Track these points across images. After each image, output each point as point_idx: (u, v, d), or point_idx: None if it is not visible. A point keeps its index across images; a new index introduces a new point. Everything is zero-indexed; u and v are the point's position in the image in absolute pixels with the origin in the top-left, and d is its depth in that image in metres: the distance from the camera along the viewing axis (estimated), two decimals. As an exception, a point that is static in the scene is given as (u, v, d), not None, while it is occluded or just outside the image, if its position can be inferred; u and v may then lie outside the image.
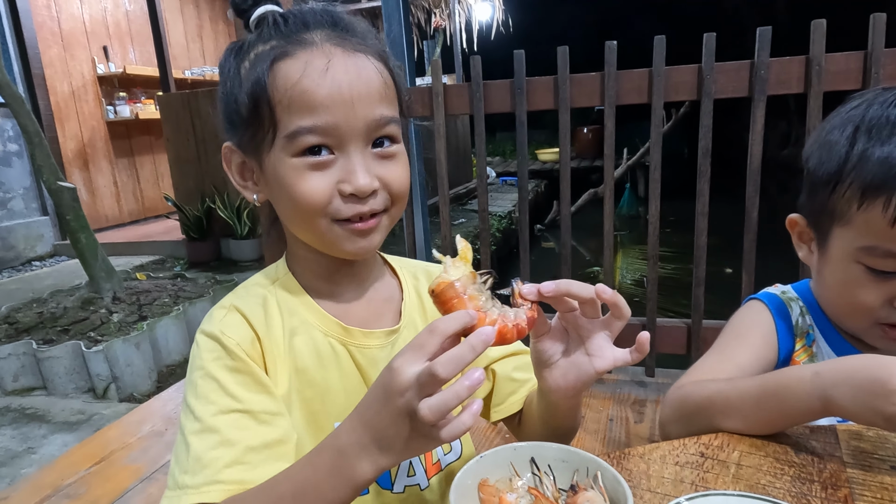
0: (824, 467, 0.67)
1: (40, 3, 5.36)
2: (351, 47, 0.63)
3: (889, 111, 0.76)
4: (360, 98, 0.62)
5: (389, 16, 3.07)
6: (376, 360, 0.73)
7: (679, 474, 0.68)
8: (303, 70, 0.61)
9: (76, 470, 1.81)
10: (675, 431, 0.81)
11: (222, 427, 0.62)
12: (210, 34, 7.72)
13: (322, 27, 0.65)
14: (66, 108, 5.62)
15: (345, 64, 0.62)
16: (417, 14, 8.65)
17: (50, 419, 2.54)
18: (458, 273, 0.55)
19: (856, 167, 0.75)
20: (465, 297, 0.55)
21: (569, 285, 0.59)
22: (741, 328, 0.90)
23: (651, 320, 2.11)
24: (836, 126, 0.81)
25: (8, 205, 5.09)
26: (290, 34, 0.64)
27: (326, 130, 0.61)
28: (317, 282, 0.73)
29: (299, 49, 0.62)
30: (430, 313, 0.79)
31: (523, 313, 0.58)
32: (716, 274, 2.29)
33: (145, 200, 6.46)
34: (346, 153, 0.63)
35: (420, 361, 0.49)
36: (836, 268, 0.81)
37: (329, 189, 0.63)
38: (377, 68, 0.64)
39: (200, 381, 0.65)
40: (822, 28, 1.69)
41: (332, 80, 0.61)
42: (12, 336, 2.93)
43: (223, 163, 0.71)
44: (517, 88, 1.99)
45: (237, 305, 0.69)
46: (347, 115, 0.61)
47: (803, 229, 0.88)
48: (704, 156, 1.86)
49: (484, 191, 2.19)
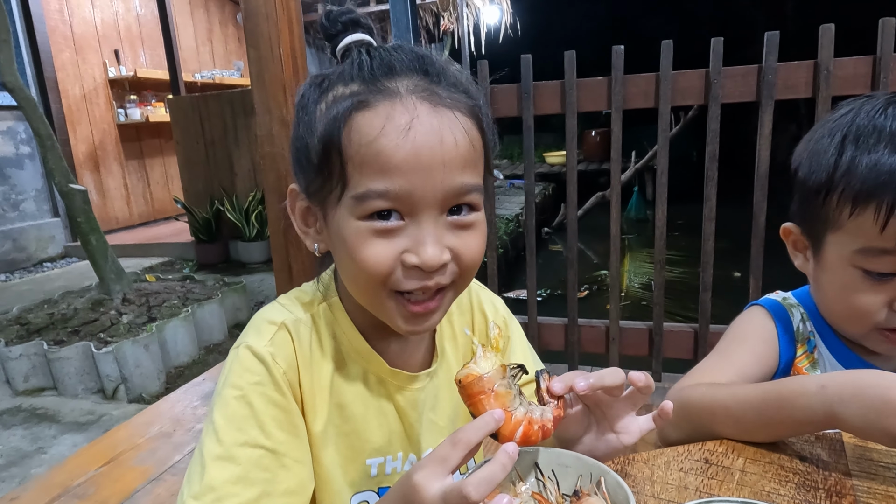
0: (829, 475, 0.67)
1: (53, 7, 5.42)
2: (439, 102, 0.56)
3: (876, 120, 0.76)
4: (441, 164, 0.55)
5: (397, 20, 3.10)
6: (416, 401, 0.71)
7: (683, 480, 0.68)
8: (381, 127, 0.54)
9: (85, 470, 1.83)
10: (675, 436, 0.81)
11: (244, 461, 0.59)
12: (220, 37, 7.78)
13: (411, 74, 0.57)
14: (78, 111, 5.68)
15: (429, 123, 0.55)
16: (425, 17, 8.68)
17: (60, 419, 2.57)
18: (488, 366, 0.54)
19: (845, 175, 0.76)
20: (491, 392, 0.53)
21: (601, 380, 0.57)
22: (743, 333, 0.90)
23: (658, 325, 2.11)
24: (825, 134, 0.81)
25: (20, 207, 5.15)
26: (373, 79, 0.57)
27: (399, 196, 0.55)
28: (362, 315, 0.68)
29: (381, 100, 0.55)
30: (460, 340, 0.78)
31: (550, 412, 0.57)
32: (724, 278, 2.28)
33: (155, 202, 6.51)
34: (417, 221, 0.56)
35: (444, 476, 0.47)
36: (833, 274, 0.81)
37: (393, 258, 0.57)
38: (465, 128, 0.57)
39: (234, 401, 0.61)
40: (830, 33, 1.68)
41: (412, 143, 0.54)
42: (24, 337, 2.96)
43: (287, 204, 0.66)
44: (524, 93, 2.00)
45: (288, 325, 0.65)
46: (425, 181, 0.55)
47: (797, 237, 0.88)
48: (712, 160, 1.86)
49: (491, 196, 2.19)
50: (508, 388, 0.54)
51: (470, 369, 0.54)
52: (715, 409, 0.77)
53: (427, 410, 0.72)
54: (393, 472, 0.71)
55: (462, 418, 0.76)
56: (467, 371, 0.54)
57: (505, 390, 0.54)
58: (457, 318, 0.78)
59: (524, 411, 0.54)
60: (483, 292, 0.82)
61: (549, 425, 0.56)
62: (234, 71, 7.58)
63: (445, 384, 0.74)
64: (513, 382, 0.55)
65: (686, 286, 4.57)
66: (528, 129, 2.06)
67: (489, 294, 0.83)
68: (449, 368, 0.75)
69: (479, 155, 0.59)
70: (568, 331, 2.22)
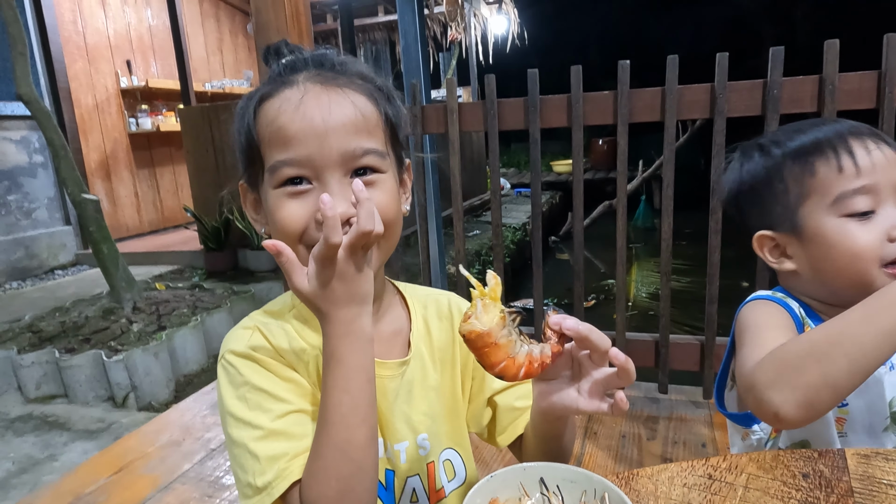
0: (832, 491, 0.67)
1: (67, 18, 5.51)
2: (328, 81, 0.66)
3: (772, 136, 0.92)
4: (333, 130, 0.63)
5: (405, 31, 3.12)
6: (386, 389, 0.74)
7: (686, 496, 0.69)
8: (279, 107, 0.64)
9: (96, 478, 1.85)
10: (779, 396, 0.70)
11: (287, 427, 0.65)
12: (230, 47, 7.86)
13: (308, 68, 0.68)
14: (90, 120, 5.75)
15: (317, 98, 0.64)
16: (433, 27, 8.74)
17: (71, 427, 2.59)
18: (489, 318, 0.58)
19: (785, 156, 0.87)
20: (494, 345, 0.58)
21: (589, 332, 0.60)
22: (763, 319, 0.86)
23: (664, 337, 2.11)
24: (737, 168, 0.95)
25: (33, 215, 5.21)
26: (279, 76, 0.68)
27: (301, 162, 0.63)
28: None
29: (282, 88, 0.66)
30: (436, 343, 0.81)
31: (548, 349, 0.61)
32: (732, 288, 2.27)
33: (165, 211, 6.56)
34: (322, 182, 0.64)
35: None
36: (823, 237, 0.83)
37: (305, 216, 0.64)
38: (355, 101, 0.66)
39: (249, 394, 0.66)
40: (835, 48, 1.69)
41: (303, 115, 0.63)
42: (35, 344, 3.00)
43: (241, 198, 0.75)
44: (531, 106, 2.02)
45: (259, 328, 0.71)
46: (321, 146, 0.63)
47: (771, 239, 0.90)
48: (718, 174, 1.87)
49: (497, 206, 2.21)
50: (509, 334, 0.59)
51: (472, 325, 0.57)
52: (818, 340, 0.71)
53: (400, 402, 0.75)
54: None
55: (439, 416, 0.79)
56: (470, 326, 0.58)
57: (506, 340, 0.59)
58: (434, 322, 0.82)
59: (525, 351, 0.60)
60: (463, 303, 0.87)
61: (548, 360, 0.61)
62: (244, 80, 7.65)
63: (419, 379, 0.77)
64: (512, 327, 0.60)
65: (693, 296, 4.55)
66: (534, 142, 2.07)
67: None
68: (423, 366, 0.78)
69: (373, 124, 0.67)
70: (575, 342, 2.22)
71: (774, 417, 0.71)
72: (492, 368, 0.60)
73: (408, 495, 0.76)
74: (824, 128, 0.85)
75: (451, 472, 0.80)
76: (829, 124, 0.86)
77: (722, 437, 1.94)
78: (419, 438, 0.76)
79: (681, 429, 2.01)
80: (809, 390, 0.69)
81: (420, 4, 3.07)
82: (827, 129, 0.85)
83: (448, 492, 0.79)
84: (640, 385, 2.31)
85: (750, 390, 0.74)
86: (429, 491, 0.77)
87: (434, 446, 0.78)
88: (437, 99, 7.15)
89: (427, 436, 0.77)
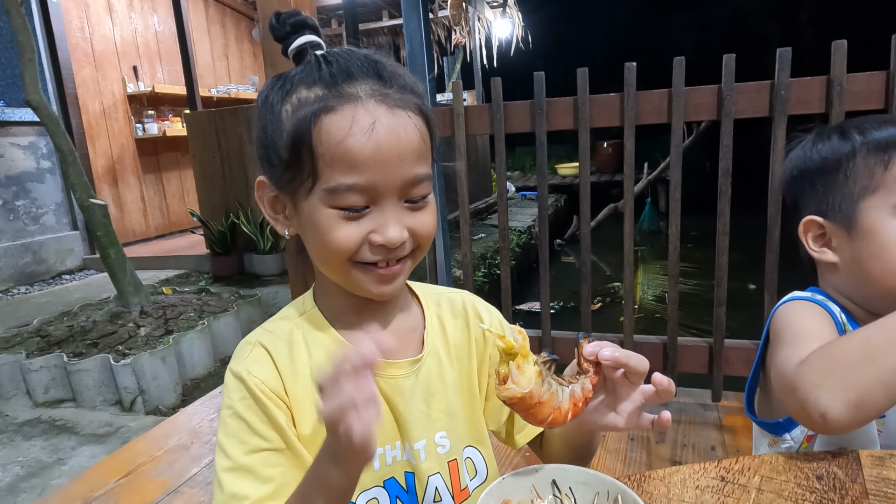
0: (846, 493, 0.66)
1: (74, 25, 5.55)
2: (393, 104, 0.64)
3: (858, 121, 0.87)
4: (399, 159, 0.64)
5: (411, 36, 3.13)
6: (401, 389, 0.74)
7: (699, 498, 0.68)
8: (348, 129, 0.62)
9: (105, 482, 1.86)
10: (828, 396, 0.67)
11: (255, 465, 0.65)
12: (235, 53, 7.91)
13: (366, 78, 0.65)
14: (98, 126, 5.79)
15: (388, 124, 0.63)
16: (438, 31, 8.77)
17: (79, 431, 2.60)
18: (527, 378, 0.57)
19: (865, 144, 0.83)
20: (538, 404, 0.58)
21: (628, 359, 0.60)
22: (804, 319, 0.83)
23: (672, 339, 2.10)
24: (809, 146, 0.91)
25: (40, 220, 5.25)
26: (334, 83, 0.64)
27: (365, 188, 0.63)
28: (343, 314, 0.75)
29: (345, 104, 0.63)
30: (452, 341, 0.81)
31: (588, 383, 0.62)
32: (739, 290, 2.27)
33: (171, 215, 6.60)
34: (380, 207, 0.65)
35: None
36: (878, 235, 0.80)
37: (360, 238, 0.65)
38: (417, 125, 0.66)
39: (230, 419, 0.67)
40: (843, 49, 1.69)
41: (375, 142, 0.62)
42: (44, 349, 3.01)
43: (255, 194, 0.73)
44: (537, 109, 2.02)
45: (262, 342, 0.72)
46: (386, 174, 0.63)
47: (822, 226, 0.87)
48: (725, 176, 1.86)
49: (504, 210, 2.21)
50: (549, 387, 0.59)
51: (511, 390, 0.57)
52: (872, 336, 0.69)
53: (416, 401, 0.75)
54: (394, 462, 0.74)
55: (458, 414, 0.79)
56: (510, 392, 0.57)
57: (548, 395, 0.58)
58: (449, 320, 0.82)
59: (568, 394, 0.60)
60: (478, 301, 0.87)
61: (590, 394, 0.62)
62: (250, 86, 7.69)
63: (436, 378, 0.77)
64: (550, 376, 0.59)
65: (701, 298, 4.53)
66: (541, 145, 2.08)
67: (484, 303, 0.88)
68: (440, 364, 0.78)
69: (428, 148, 0.68)
70: (582, 345, 2.22)
71: (821, 419, 0.67)
72: (541, 424, 0.61)
73: (430, 496, 0.75)
74: None
75: (473, 470, 0.80)
76: None
77: (731, 439, 1.93)
78: (437, 436, 0.76)
79: (690, 432, 2.00)
80: (862, 390, 0.66)
81: (426, 9, 3.08)
82: None
83: (472, 489, 0.79)
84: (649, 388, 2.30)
85: (793, 391, 0.71)
86: (453, 490, 0.77)
87: (454, 444, 0.78)
88: (441, 102, 7.17)
89: (445, 433, 0.77)
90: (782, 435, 0.90)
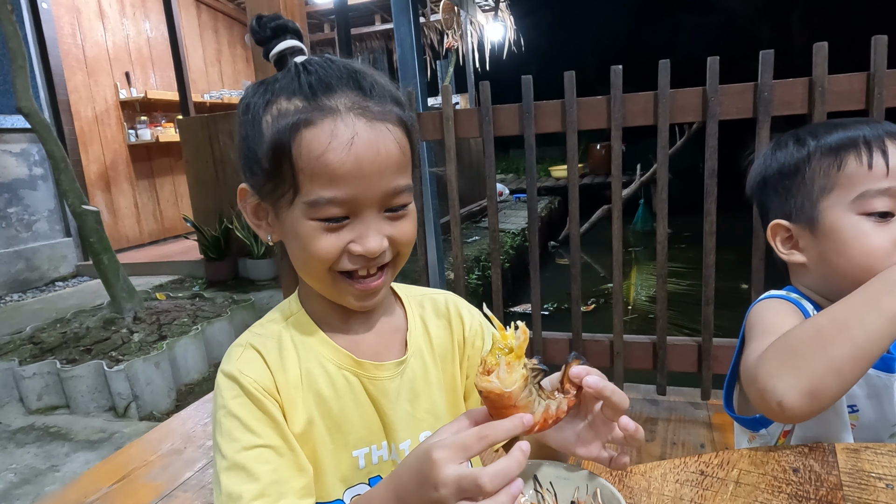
0: (821, 485, 0.68)
1: (66, 31, 5.55)
2: (373, 116, 0.64)
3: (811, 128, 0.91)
4: (379, 171, 0.64)
5: (402, 39, 3.15)
6: (387, 390, 0.75)
7: (679, 492, 0.70)
8: (327, 143, 0.62)
9: (99, 487, 1.86)
10: (783, 384, 0.70)
11: (247, 462, 0.66)
12: (228, 58, 7.92)
13: (346, 89, 0.65)
14: (90, 132, 5.78)
15: (367, 138, 0.63)
16: (430, 35, 8.80)
17: (72, 437, 2.60)
18: (512, 378, 0.55)
19: (818, 147, 0.87)
20: (514, 408, 0.55)
21: (611, 393, 0.59)
22: (774, 316, 0.86)
23: (661, 339, 2.13)
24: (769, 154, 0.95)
25: (33, 227, 5.24)
26: (314, 95, 0.64)
27: (345, 201, 0.64)
28: (328, 317, 0.76)
29: (324, 117, 0.63)
30: (436, 341, 0.82)
31: (564, 403, 0.60)
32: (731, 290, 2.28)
33: (164, 221, 6.59)
34: (360, 217, 0.66)
35: (461, 461, 0.51)
36: (839, 233, 0.84)
37: (340, 248, 0.66)
38: (396, 138, 0.66)
39: (224, 419, 0.68)
40: (823, 51, 1.71)
41: (355, 157, 0.62)
42: (37, 356, 3.00)
43: (238, 200, 0.74)
44: (525, 112, 2.04)
45: (253, 343, 0.73)
46: (366, 187, 0.64)
47: (787, 230, 0.91)
48: (711, 176, 1.89)
49: (494, 212, 2.23)
50: (529, 395, 0.56)
51: (493, 383, 0.55)
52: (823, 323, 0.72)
53: (402, 402, 0.76)
54: (380, 461, 0.76)
55: (442, 413, 0.80)
56: (490, 385, 0.55)
57: (525, 402, 0.56)
58: (432, 320, 0.83)
59: (542, 408, 0.58)
60: (461, 301, 0.88)
61: (563, 415, 0.60)
62: (243, 91, 7.68)
63: (421, 378, 0.78)
64: (533, 385, 0.57)
65: (694, 298, 4.55)
66: (529, 147, 2.10)
67: (466, 304, 0.88)
68: (424, 364, 0.79)
69: (408, 158, 0.69)
70: (572, 346, 2.24)
71: (778, 407, 0.70)
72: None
73: None
74: (865, 126, 0.85)
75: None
76: (871, 124, 0.86)
77: (720, 437, 1.95)
78: (422, 436, 0.77)
79: (679, 430, 2.02)
80: (815, 378, 0.69)
81: (416, 13, 3.10)
82: (867, 128, 0.85)
83: None
84: (639, 387, 2.33)
85: (753, 382, 0.74)
86: None
87: None
88: (434, 106, 7.19)
89: (430, 433, 0.77)
90: (759, 431, 0.92)
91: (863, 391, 0.86)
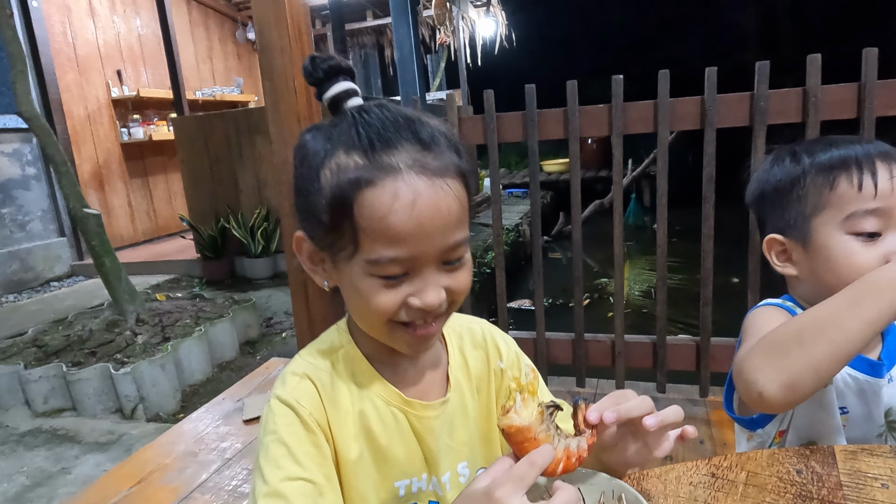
0: (823, 485, 0.73)
1: (57, 30, 5.50)
2: (433, 173, 0.64)
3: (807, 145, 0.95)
4: (440, 229, 0.65)
5: (401, 42, 3.19)
6: (432, 427, 0.78)
7: (693, 493, 0.75)
8: (390, 206, 0.62)
9: (117, 490, 1.90)
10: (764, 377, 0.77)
11: (288, 493, 0.66)
12: (220, 55, 7.87)
13: (404, 143, 0.64)
14: (83, 131, 5.74)
15: (429, 198, 0.63)
16: (422, 30, 8.79)
17: (81, 440, 2.63)
18: (528, 413, 0.59)
19: (813, 165, 0.91)
20: (534, 440, 0.58)
21: (629, 411, 0.62)
22: (767, 322, 0.89)
23: (661, 339, 2.19)
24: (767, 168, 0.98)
25: (27, 227, 5.22)
26: (373, 150, 0.63)
27: (406, 260, 0.65)
28: (378, 353, 0.78)
29: (385, 177, 0.62)
30: (473, 372, 0.84)
31: (584, 442, 0.63)
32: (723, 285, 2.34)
33: (158, 219, 6.57)
34: (419, 273, 0.67)
35: (521, 493, 0.54)
36: (829, 250, 0.88)
37: (399, 303, 0.67)
38: (456, 193, 0.66)
39: (272, 445, 0.69)
40: (817, 62, 1.78)
41: (416, 218, 0.62)
42: (42, 359, 3.02)
43: (294, 247, 0.74)
44: (529, 121, 2.09)
45: (309, 374, 0.75)
46: (427, 245, 0.65)
47: (782, 244, 0.96)
48: (709, 182, 1.95)
49: (498, 216, 2.28)
50: (547, 430, 0.60)
51: (511, 419, 0.58)
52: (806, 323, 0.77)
53: (443, 436, 0.79)
54: (419, 492, 0.79)
55: (477, 443, 0.83)
56: (509, 421, 0.58)
57: (545, 434, 0.60)
58: (470, 351, 0.86)
59: (563, 447, 0.61)
60: (495, 330, 0.90)
61: (585, 454, 0.63)
62: (234, 87, 7.66)
63: (459, 411, 0.81)
64: (550, 422, 0.61)
65: (686, 293, 4.62)
66: (533, 153, 2.15)
67: (501, 333, 0.91)
68: (462, 397, 0.82)
69: (466, 210, 0.69)
70: (575, 346, 2.30)
71: (759, 397, 0.76)
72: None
73: None
74: (856, 146, 0.88)
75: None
76: (862, 143, 0.89)
77: (718, 433, 2.02)
78: (459, 466, 0.81)
79: (679, 426, 2.08)
80: (794, 373, 0.74)
81: (415, 16, 3.14)
82: (859, 147, 0.88)
83: None
84: (639, 385, 2.40)
85: (740, 374, 0.80)
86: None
87: (473, 473, 0.82)
88: (429, 102, 7.20)
89: (466, 463, 0.82)
90: (756, 430, 0.99)
91: (853, 394, 0.92)
